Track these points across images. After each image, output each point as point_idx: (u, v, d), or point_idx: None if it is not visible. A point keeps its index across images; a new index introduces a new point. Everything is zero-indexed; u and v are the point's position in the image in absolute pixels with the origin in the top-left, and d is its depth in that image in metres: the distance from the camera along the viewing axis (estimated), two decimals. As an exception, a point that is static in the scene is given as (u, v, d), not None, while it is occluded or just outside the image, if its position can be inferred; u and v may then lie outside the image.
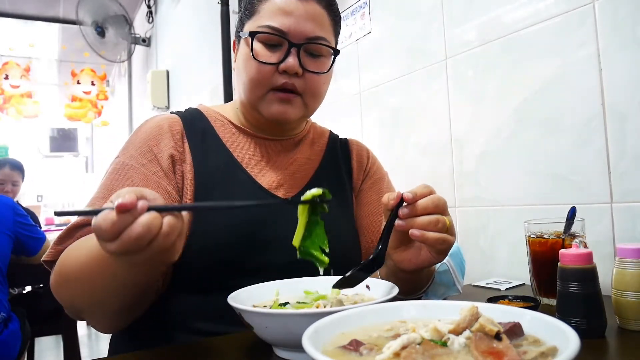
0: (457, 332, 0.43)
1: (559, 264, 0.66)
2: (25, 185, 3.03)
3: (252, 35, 0.83)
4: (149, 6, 4.33)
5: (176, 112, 0.92)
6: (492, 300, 0.81)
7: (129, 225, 0.49)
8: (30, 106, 5.90)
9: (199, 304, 0.78)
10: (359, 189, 1.01)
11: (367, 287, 0.72)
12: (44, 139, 8.30)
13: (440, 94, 1.37)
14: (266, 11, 0.83)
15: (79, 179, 8.45)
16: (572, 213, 0.84)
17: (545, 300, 0.85)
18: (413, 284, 0.80)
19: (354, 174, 1.01)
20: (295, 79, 0.83)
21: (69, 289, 0.70)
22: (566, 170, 1.04)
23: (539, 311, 0.45)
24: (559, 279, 0.66)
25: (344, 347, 0.43)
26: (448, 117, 1.35)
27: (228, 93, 2.44)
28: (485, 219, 1.24)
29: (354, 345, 0.43)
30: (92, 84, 6.02)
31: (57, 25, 5.43)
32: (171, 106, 3.93)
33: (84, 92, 5.99)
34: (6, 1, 4.81)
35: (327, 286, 0.73)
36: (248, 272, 0.79)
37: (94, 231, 0.51)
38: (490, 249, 1.23)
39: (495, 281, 1.12)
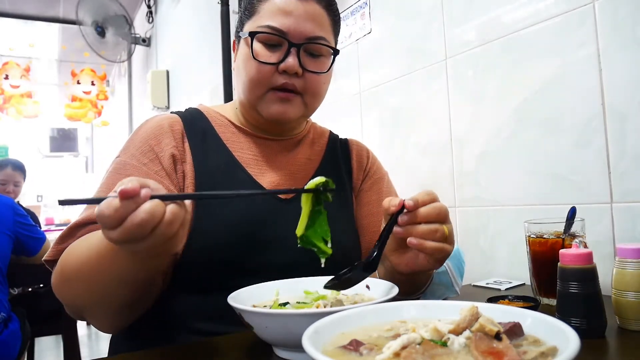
0: (457, 332, 0.43)
1: (559, 264, 0.66)
2: (25, 185, 3.03)
3: (252, 35, 0.83)
4: (149, 6, 4.33)
5: (176, 112, 0.92)
6: (492, 300, 0.81)
7: (132, 212, 0.50)
8: (30, 106, 5.91)
9: (199, 304, 0.78)
10: (358, 189, 1.01)
11: (367, 287, 0.72)
12: (44, 139, 8.31)
13: (440, 94, 1.37)
14: (266, 11, 0.83)
15: (79, 179, 8.46)
16: (572, 213, 0.84)
17: (545, 300, 0.85)
18: (411, 286, 0.79)
19: (353, 174, 1.01)
20: (295, 79, 0.83)
21: (71, 287, 0.70)
22: (566, 170, 1.04)
23: (539, 311, 0.45)
24: (559, 279, 0.66)
25: (344, 347, 0.43)
26: (448, 117, 1.35)
27: (228, 93, 2.44)
28: (485, 219, 1.24)
29: (354, 345, 0.43)
30: (92, 84, 6.03)
31: (57, 25, 5.43)
32: (171, 106, 3.93)
33: (84, 92, 6.00)
34: (6, 1, 4.81)
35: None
36: (248, 272, 0.79)
37: (97, 219, 0.51)
38: (490, 249, 1.23)
39: (495, 281, 1.12)
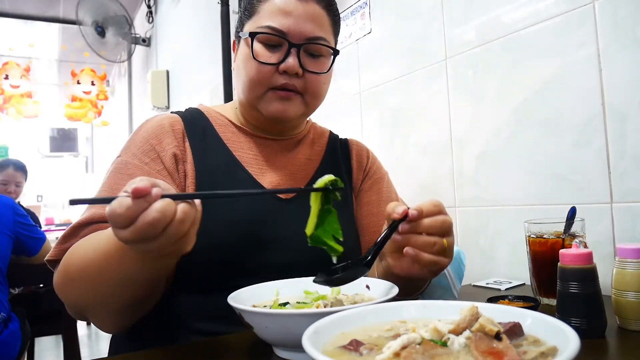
0: (457, 332, 0.43)
1: (559, 264, 0.66)
2: (26, 185, 3.03)
3: (252, 36, 0.83)
4: (149, 6, 4.33)
5: (176, 111, 0.92)
6: (492, 300, 0.81)
7: (143, 211, 0.49)
8: (30, 106, 5.91)
9: (199, 304, 0.78)
10: (358, 189, 1.01)
11: (367, 287, 0.72)
12: (44, 139, 8.31)
13: (440, 94, 1.37)
14: (266, 11, 0.83)
15: (79, 179, 8.46)
16: (572, 213, 0.84)
17: (545, 300, 0.85)
18: (407, 287, 0.79)
19: (353, 173, 1.01)
20: (295, 79, 0.83)
21: (74, 287, 0.69)
22: (566, 170, 1.04)
23: (539, 311, 0.45)
24: (559, 279, 0.66)
25: (344, 347, 0.43)
26: (448, 117, 1.35)
27: (228, 93, 2.44)
28: (485, 219, 1.24)
29: (354, 345, 0.43)
30: (92, 84, 6.03)
31: (57, 25, 5.43)
32: (171, 106, 3.93)
33: (84, 92, 6.00)
34: (6, 1, 4.81)
35: (327, 286, 0.73)
36: (248, 272, 0.79)
37: (108, 218, 0.51)
38: (490, 249, 1.23)
39: (495, 281, 1.12)
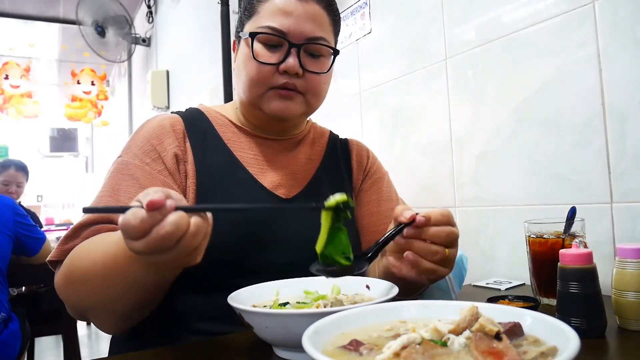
0: (457, 332, 0.43)
1: (559, 264, 0.66)
2: (26, 185, 3.03)
3: (252, 36, 0.83)
4: (149, 6, 4.33)
5: (177, 112, 0.92)
6: (492, 300, 0.81)
7: (157, 223, 0.49)
8: (30, 106, 5.91)
9: (199, 304, 0.78)
10: (359, 189, 1.01)
11: (367, 287, 0.72)
12: (44, 139, 8.31)
13: (440, 94, 1.37)
14: (266, 12, 0.83)
15: (79, 179, 8.47)
16: (572, 213, 0.84)
17: (545, 300, 0.85)
18: (405, 288, 0.79)
19: (353, 173, 1.01)
20: (295, 79, 0.83)
21: (77, 289, 0.69)
22: (566, 170, 1.04)
23: (539, 311, 0.45)
24: (559, 279, 0.66)
25: (344, 347, 0.43)
26: (448, 117, 1.35)
27: (228, 93, 2.44)
28: (485, 219, 1.24)
29: (354, 345, 0.43)
30: (92, 84, 6.03)
31: (57, 25, 5.43)
32: (171, 106, 3.93)
33: (84, 92, 6.00)
34: (6, 1, 4.81)
35: (327, 286, 0.73)
36: (248, 272, 0.79)
37: (121, 228, 0.50)
38: (490, 249, 1.23)
39: (495, 281, 1.12)
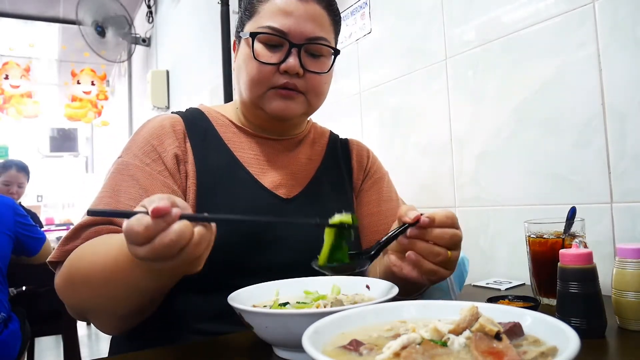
0: (457, 332, 0.43)
1: (559, 264, 0.66)
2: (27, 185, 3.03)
3: (253, 36, 0.83)
4: (149, 6, 4.33)
5: (177, 112, 0.92)
6: (492, 300, 0.81)
7: (162, 231, 0.49)
8: (30, 106, 5.91)
9: (199, 304, 0.78)
10: (359, 189, 1.01)
11: (367, 287, 0.72)
12: (44, 139, 8.31)
13: (440, 94, 1.37)
14: (266, 12, 0.83)
15: (79, 179, 8.47)
16: (572, 213, 0.84)
17: (545, 300, 0.85)
18: (405, 288, 0.79)
19: (354, 173, 1.01)
20: (296, 79, 0.83)
21: (77, 291, 0.69)
22: (566, 170, 1.04)
23: (539, 311, 0.45)
24: (559, 279, 0.66)
25: (344, 347, 0.43)
26: (448, 117, 1.35)
27: (228, 93, 2.44)
28: (485, 219, 1.24)
29: (354, 345, 0.43)
30: (92, 84, 6.03)
31: (57, 25, 5.43)
32: (171, 106, 3.93)
33: (84, 92, 6.00)
34: (6, 1, 4.81)
35: (327, 286, 0.73)
36: (248, 272, 0.79)
37: (125, 234, 0.50)
38: (490, 249, 1.23)
39: (495, 281, 1.12)
